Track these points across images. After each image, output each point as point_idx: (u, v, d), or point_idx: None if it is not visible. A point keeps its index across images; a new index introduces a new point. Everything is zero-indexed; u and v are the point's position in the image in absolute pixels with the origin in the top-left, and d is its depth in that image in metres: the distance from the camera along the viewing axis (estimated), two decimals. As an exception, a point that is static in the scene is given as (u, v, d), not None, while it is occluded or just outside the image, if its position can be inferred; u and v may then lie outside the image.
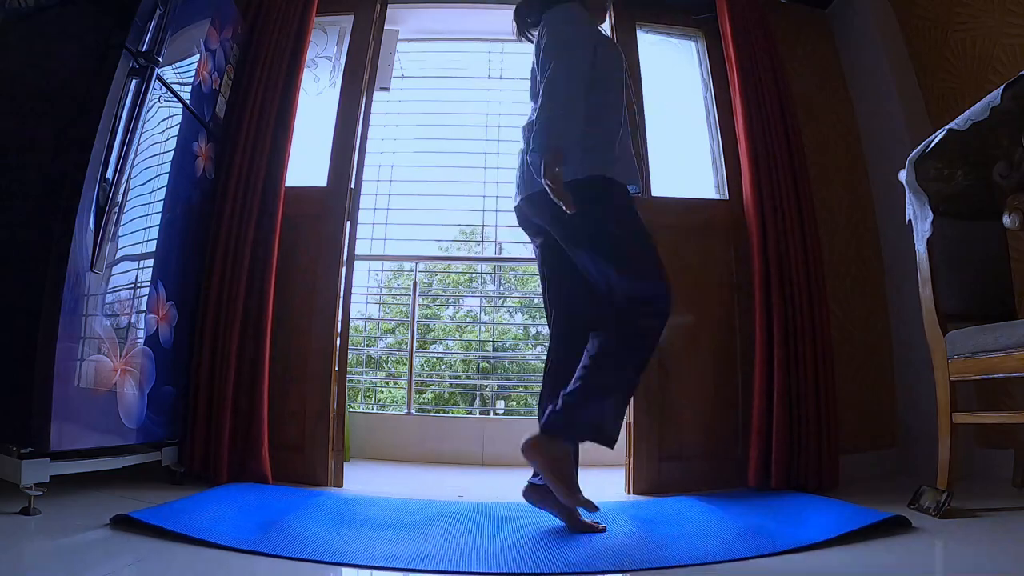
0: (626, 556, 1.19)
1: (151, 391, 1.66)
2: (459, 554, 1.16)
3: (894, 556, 1.19)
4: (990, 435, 2.01)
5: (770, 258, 2.05)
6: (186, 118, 1.82)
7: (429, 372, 4.22)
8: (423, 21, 2.85)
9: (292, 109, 2.09)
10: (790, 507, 1.60)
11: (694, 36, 2.53)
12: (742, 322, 2.13)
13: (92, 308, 1.44)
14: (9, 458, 1.27)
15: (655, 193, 2.25)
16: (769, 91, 2.22)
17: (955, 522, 1.43)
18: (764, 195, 2.11)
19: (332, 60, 2.39)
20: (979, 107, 1.46)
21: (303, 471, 1.91)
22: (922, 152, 1.66)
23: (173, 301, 1.78)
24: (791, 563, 1.15)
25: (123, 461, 1.59)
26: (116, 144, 1.46)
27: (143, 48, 1.53)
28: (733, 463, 2.01)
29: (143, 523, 1.20)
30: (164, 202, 1.73)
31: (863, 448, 2.17)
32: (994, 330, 1.47)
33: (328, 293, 2.06)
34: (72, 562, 1.04)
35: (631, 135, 1.61)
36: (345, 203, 2.14)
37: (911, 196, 1.73)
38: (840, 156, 2.49)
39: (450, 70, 3.55)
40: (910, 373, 2.22)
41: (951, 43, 2.22)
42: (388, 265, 4.26)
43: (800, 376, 1.97)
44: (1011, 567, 1.13)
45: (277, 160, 2.04)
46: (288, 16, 2.16)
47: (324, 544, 1.19)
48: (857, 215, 2.44)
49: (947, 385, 1.61)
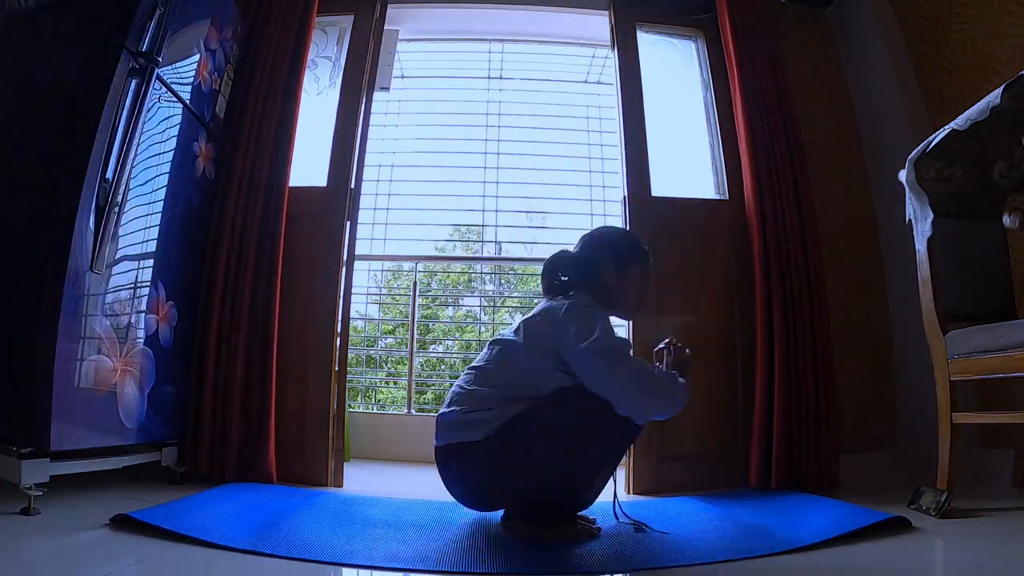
0: (626, 556, 1.19)
1: (151, 391, 1.66)
2: (459, 554, 1.16)
3: (894, 556, 1.19)
4: (990, 435, 2.01)
5: (770, 258, 2.05)
6: (186, 118, 1.82)
7: (429, 372, 4.21)
8: (423, 21, 2.85)
9: (294, 109, 2.10)
10: (790, 507, 1.60)
11: (694, 36, 2.53)
12: (742, 322, 2.13)
13: (92, 308, 1.44)
14: (9, 458, 1.27)
15: (655, 193, 2.25)
16: (769, 91, 2.22)
17: (955, 522, 1.43)
18: (764, 195, 2.11)
19: (332, 60, 2.39)
20: (979, 107, 1.46)
21: (303, 471, 1.91)
22: (922, 152, 1.66)
23: (173, 301, 1.78)
24: (791, 563, 1.15)
25: (123, 461, 1.59)
26: (116, 144, 1.46)
27: (143, 48, 1.53)
28: (733, 463, 2.01)
29: (143, 523, 1.20)
30: (164, 202, 1.73)
31: (863, 448, 2.17)
32: (994, 330, 1.47)
33: (328, 293, 2.06)
34: (72, 562, 1.04)
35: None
36: (345, 203, 2.14)
37: (911, 196, 1.73)
38: (840, 156, 2.49)
39: (450, 70, 3.55)
40: (910, 373, 2.22)
41: (951, 43, 2.22)
42: (388, 265, 4.25)
43: (800, 376, 1.97)
44: (1011, 567, 1.13)
45: (280, 159, 2.04)
46: (288, 16, 2.16)
47: (324, 544, 1.19)
48: (857, 215, 2.44)
49: (947, 385, 1.61)
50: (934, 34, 2.29)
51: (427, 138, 3.57)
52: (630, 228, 2.21)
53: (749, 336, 2.07)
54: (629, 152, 2.29)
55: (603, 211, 3.44)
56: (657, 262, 2.17)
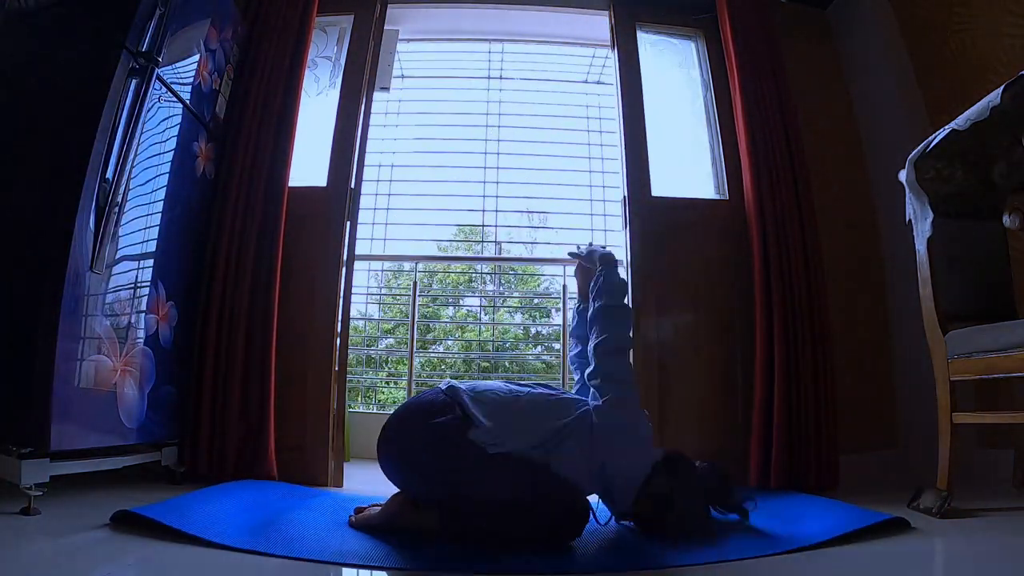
0: (626, 556, 1.19)
1: (151, 391, 1.66)
2: (458, 554, 1.16)
3: (894, 556, 1.19)
4: (990, 435, 2.00)
5: (770, 258, 2.05)
6: (186, 118, 1.82)
7: (429, 372, 4.21)
8: (423, 21, 2.85)
9: (294, 109, 2.10)
10: (790, 507, 1.60)
11: (694, 36, 2.53)
12: (742, 322, 2.13)
13: (92, 308, 1.44)
14: (9, 458, 1.27)
15: (655, 193, 2.26)
16: (769, 91, 2.22)
17: (955, 522, 1.42)
18: (764, 195, 2.11)
19: (332, 60, 2.39)
20: (979, 107, 1.46)
21: (303, 471, 1.91)
22: (922, 152, 1.66)
23: (173, 301, 1.78)
24: (791, 563, 1.14)
25: (123, 461, 1.59)
26: (116, 144, 1.46)
27: (143, 48, 1.53)
28: (733, 463, 2.00)
29: (143, 523, 1.20)
30: (164, 202, 1.73)
31: (863, 448, 2.17)
32: (994, 330, 1.47)
33: (328, 293, 2.06)
34: (73, 562, 1.04)
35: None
36: (345, 203, 2.14)
37: (911, 196, 1.73)
38: (840, 156, 2.48)
39: (450, 70, 3.55)
40: (910, 373, 2.22)
41: (951, 43, 2.22)
42: (388, 265, 4.26)
43: (800, 376, 1.97)
44: (1011, 567, 1.13)
45: (280, 160, 2.04)
46: (288, 16, 2.16)
47: (323, 543, 1.19)
48: (857, 215, 2.44)
49: (947, 385, 1.60)
50: (934, 34, 2.29)
51: (427, 138, 3.57)
52: (630, 228, 2.21)
53: (749, 336, 2.07)
54: (629, 152, 2.29)
55: (603, 211, 3.44)
56: (657, 262, 2.19)
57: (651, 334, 2.12)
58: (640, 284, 2.15)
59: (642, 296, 2.14)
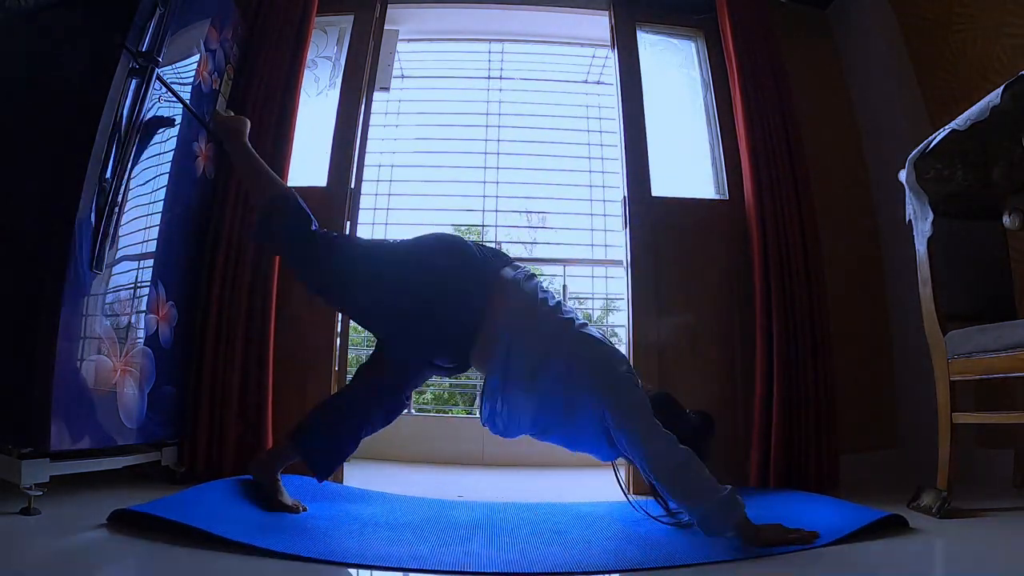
0: (625, 556, 1.19)
1: (151, 391, 1.66)
2: (458, 554, 1.16)
3: (893, 556, 1.19)
4: (990, 435, 2.00)
5: (770, 258, 2.05)
6: (186, 118, 1.82)
7: (429, 372, 4.22)
8: (423, 21, 2.85)
9: (293, 109, 2.09)
10: (790, 507, 1.60)
11: (694, 36, 2.53)
12: (742, 322, 2.13)
13: (92, 308, 1.44)
14: (9, 458, 1.27)
15: (655, 193, 2.25)
16: (769, 91, 2.22)
17: (955, 522, 1.42)
18: (764, 195, 2.11)
19: (332, 60, 2.39)
20: (979, 107, 1.46)
21: (302, 470, 1.90)
22: (922, 152, 1.66)
23: (173, 301, 1.78)
24: (791, 563, 1.14)
25: (123, 461, 1.59)
26: (116, 144, 1.46)
27: (143, 48, 1.53)
28: (733, 462, 2.01)
29: (142, 523, 1.20)
30: (164, 202, 1.73)
31: (863, 448, 2.17)
32: (994, 330, 1.47)
33: (328, 293, 2.06)
34: (72, 562, 1.04)
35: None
36: (345, 203, 2.14)
37: (911, 196, 1.73)
38: (840, 156, 2.49)
39: (450, 70, 3.55)
40: (910, 373, 2.22)
41: (951, 43, 2.22)
42: (388, 265, 4.26)
43: (800, 375, 1.97)
44: (1011, 567, 1.13)
45: (279, 159, 2.04)
46: (288, 16, 2.16)
47: (321, 542, 1.19)
48: (857, 215, 2.44)
49: (947, 385, 1.60)
50: (934, 34, 2.29)
51: (427, 138, 3.57)
52: (630, 228, 2.21)
53: (749, 335, 2.07)
54: (629, 152, 2.29)
55: (603, 211, 3.44)
56: (657, 262, 2.19)
57: (651, 335, 2.12)
58: (640, 284, 2.15)
59: (642, 296, 2.14)
